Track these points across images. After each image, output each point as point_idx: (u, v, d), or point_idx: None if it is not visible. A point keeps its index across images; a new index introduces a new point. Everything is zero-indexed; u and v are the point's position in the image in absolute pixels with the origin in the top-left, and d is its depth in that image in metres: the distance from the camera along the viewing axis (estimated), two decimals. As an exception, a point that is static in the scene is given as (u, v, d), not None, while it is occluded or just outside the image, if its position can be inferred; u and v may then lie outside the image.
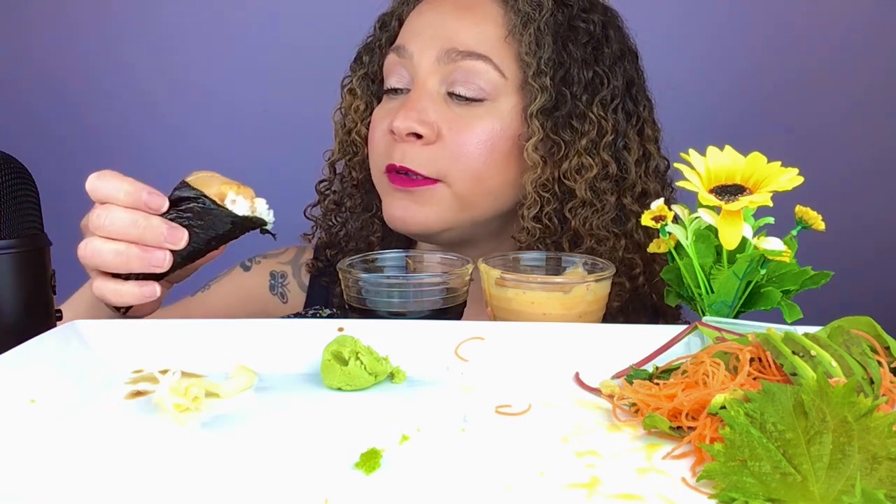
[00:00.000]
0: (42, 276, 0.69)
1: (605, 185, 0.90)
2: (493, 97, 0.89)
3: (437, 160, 0.89)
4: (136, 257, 0.67)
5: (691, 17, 1.78)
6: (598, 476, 0.48)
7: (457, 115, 0.89)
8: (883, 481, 0.43)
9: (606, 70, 0.91)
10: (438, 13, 0.93)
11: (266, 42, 1.84)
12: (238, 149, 1.82)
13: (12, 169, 0.69)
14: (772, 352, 0.54)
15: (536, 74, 0.88)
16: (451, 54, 0.89)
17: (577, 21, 0.92)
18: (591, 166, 0.89)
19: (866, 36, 1.78)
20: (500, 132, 0.89)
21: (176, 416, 0.56)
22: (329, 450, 0.51)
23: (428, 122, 0.88)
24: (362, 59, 1.01)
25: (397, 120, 0.89)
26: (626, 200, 0.92)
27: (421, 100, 0.90)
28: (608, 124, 0.90)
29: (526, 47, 0.89)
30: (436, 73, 0.90)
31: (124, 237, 0.67)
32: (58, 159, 1.80)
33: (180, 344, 0.66)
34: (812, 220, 0.69)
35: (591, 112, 0.90)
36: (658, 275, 0.94)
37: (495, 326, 0.68)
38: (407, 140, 0.89)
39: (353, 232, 1.03)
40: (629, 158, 0.92)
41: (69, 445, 0.52)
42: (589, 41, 0.92)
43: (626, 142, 0.92)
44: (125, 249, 0.67)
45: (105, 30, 1.88)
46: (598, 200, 0.90)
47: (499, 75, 0.89)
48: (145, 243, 0.67)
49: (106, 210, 0.67)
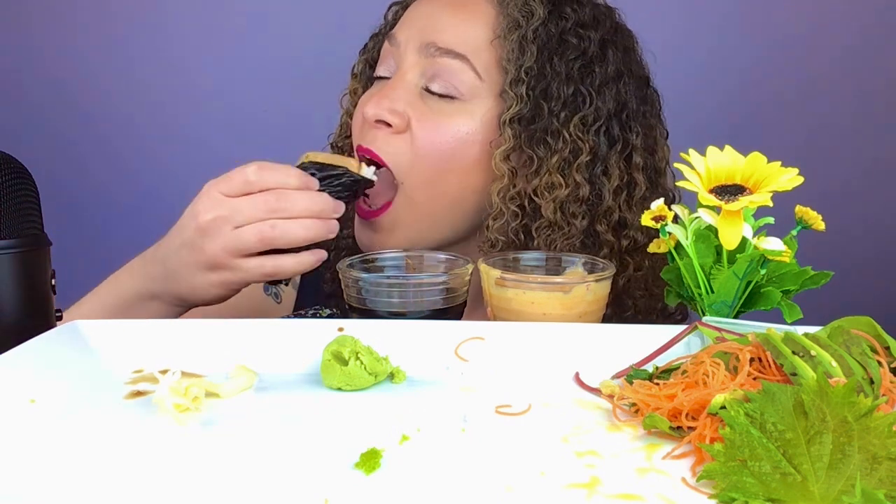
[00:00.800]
0: (42, 276, 0.69)
1: (574, 208, 0.87)
2: (467, 98, 0.88)
3: (401, 152, 0.88)
4: (323, 228, 0.79)
5: (693, 19, 1.78)
6: (598, 476, 0.48)
7: (428, 109, 0.89)
8: (883, 481, 0.43)
9: (592, 90, 0.88)
10: (432, 6, 0.92)
11: (268, 41, 1.84)
12: (240, 147, 1.81)
13: (12, 169, 0.69)
14: (772, 352, 0.54)
15: (514, 82, 0.86)
16: (430, 49, 0.89)
17: (569, 35, 0.89)
18: (561, 185, 0.86)
19: (867, 38, 1.78)
20: (468, 135, 0.88)
21: (176, 416, 0.56)
22: (329, 450, 0.51)
23: (398, 111, 0.88)
24: (368, 44, 1.02)
25: (368, 106, 0.89)
26: (600, 228, 0.89)
27: (395, 89, 0.89)
28: (585, 145, 0.87)
29: (508, 53, 0.87)
30: (416, 66, 0.90)
31: (307, 214, 0.78)
32: (58, 159, 1.81)
33: (180, 344, 0.66)
34: (812, 220, 0.69)
35: (567, 130, 0.87)
36: (629, 310, 0.92)
37: (495, 326, 0.68)
38: (376, 126, 0.89)
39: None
40: (606, 184, 0.88)
41: (69, 445, 0.52)
42: (578, 58, 0.89)
43: (606, 167, 0.88)
44: (312, 224, 0.79)
45: (106, 29, 1.88)
46: (567, 223, 0.87)
47: (475, 77, 0.88)
48: (323, 217, 0.80)
49: (281, 195, 0.78)
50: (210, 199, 0.79)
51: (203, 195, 0.80)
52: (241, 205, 0.78)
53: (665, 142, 0.96)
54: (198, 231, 0.78)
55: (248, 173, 0.79)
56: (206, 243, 0.78)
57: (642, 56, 0.96)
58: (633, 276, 0.91)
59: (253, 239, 0.77)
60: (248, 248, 0.78)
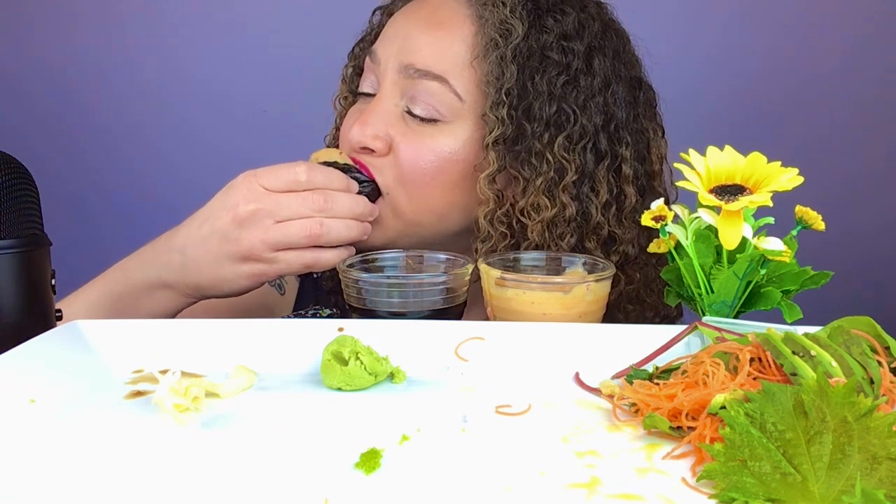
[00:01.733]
0: (42, 276, 0.69)
1: (562, 228, 0.86)
2: (448, 119, 0.87)
3: (385, 172, 0.88)
4: (361, 229, 0.83)
5: (693, 20, 1.78)
6: (598, 476, 0.48)
7: (411, 131, 0.87)
8: (883, 481, 0.43)
9: (577, 107, 0.86)
10: (410, 23, 0.90)
11: (269, 41, 1.84)
12: (240, 147, 1.81)
13: (12, 169, 0.69)
14: (772, 352, 0.54)
15: (495, 104, 0.84)
16: (408, 70, 0.87)
17: (551, 51, 0.86)
18: (548, 207, 0.85)
19: (867, 38, 1.78)
20: (451, 155, 0.87)
21: (176, 416, 0.56)
22: (329, 450, 0.51)
23: (380, 136, 0.87)
24: (355, 49, 1.01)
25: (352, 131, 0.89)
26: (589, 245, 0.87)
27: (376, 113, 0.88)
28: (570, 165, 0.85)
29: (488, 75, 0.85)
30: (396, 86, 0.88)
31: (349, 215, 0.82)
32: (58, 159, 1.81)
33: (180, 344, 0.66)
34: (812, 219, 0.69)
35: (551, 151, 0.84)
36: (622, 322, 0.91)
37: (495, 326, 0.68)
38: (360, 152, 0.89)
39: None
40: (595, 201, 0.86)
41: (69, 445, 0.52)
42: (561, 73, 0.86)
43: (594, 183, 0.86)
44: (354, 225, 0.83)
45: (107, 29, 1.88)
46: (554, 243, 0.86)
47: (455, 98, 0.86)
48: (362, 219, 0.84)
49: (326, 194, 0.81)
50: (250, 191, 0.80)
51: (239, 186, 0.81)
52: (288, 200, 0.80)
53: (661, 138, 0.94)
54: (235, 221, 0.79)
55: (298, 172, 0.81)
56: (244, 234, 0.79)
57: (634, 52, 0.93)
58: (625, 290, 0.90)
59: (300, 234, 0.79)
60: (293, 244, 0.80)
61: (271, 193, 0.80)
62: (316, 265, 0.82)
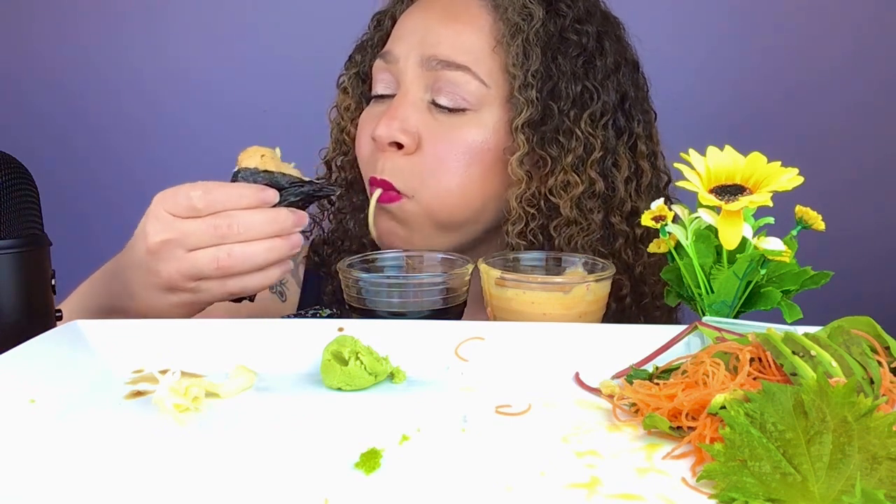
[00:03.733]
0: (42, 276, 0.69)
1: (591, 204, 0.88)
2: (476, 108, 0.88)
3: (415, 173, 0.87)
4: (285, 248, 0.74)
5: (693, 19, 1.78)
6: (598, 476, 0.48)
7: (439, 124, 0.88)
8: (883, 481, 0.43)
9: (597, 85, 0.89)
10: (425, 18, 0.91)
11: (269, 41, 1.84)
12: (241, 147, 1.81)
13: (12, 169, 0.69)
14: (772, 352, 0.54)
15: (523, 87, 0.86)
16: (431, 62, 0.87)
17: (569, 33, 0.89)
18: (577, 183, 0.87)
19: (867, 37, 1.78)
20: (482, 143, 0.87)
21: (176, 416, 0.56)
22: (329, 450, 0.51)
23: (409, 131, 0.87)
24: (355, 57, 1.00)
25: (379, 128, 0.87)
26: (615, 219, 0.90)
27: (403, 107, 0.88)
28: (596, 141, 0.88)
29: (513, 59, 0.87)
30: (419, 80, 0.89)
31: (264, 235, 0.73)
32: (59, 159, 1.81)
33: (180, 344, 0.66)
34: (812, 219, 0.69)
35: (579, 128, 0.87)
36: (647, 297, 0.93)
37: (495, 326, 0.68)
38: (388, 149, 0.88)
39: (349, 230, 1.02)
40: (618, 176, 0.90)
41: (69, 445, 0.52)
42: (580, 54, 0.89)
43: (616, 158, 0.90)
44: (271, 244, 0.73)
45: (107, 29, 1.88)
46: (584, 219, 0.88)
47: (481, 85, 0.87)
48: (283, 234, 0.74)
49: (230, 217, 0.72)
50: (158, 219, 0.73)
51: (151, 214, 0.74)
52: (193, 227, 0.72)
53: (655, 121, 0.97)
54: (149, 253, 0.73)
55: (192, 197, 0.72)
56: (161, 266, 0.73)
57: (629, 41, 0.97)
58: (647, 262, 0.92)
59: (210, 266, 0.72)
60: (206, 275, 0.73)
61: (177, 220, 0.72)
62: (243, 291, 0.75)
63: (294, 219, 0.75)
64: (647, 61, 0.98)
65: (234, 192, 0.73)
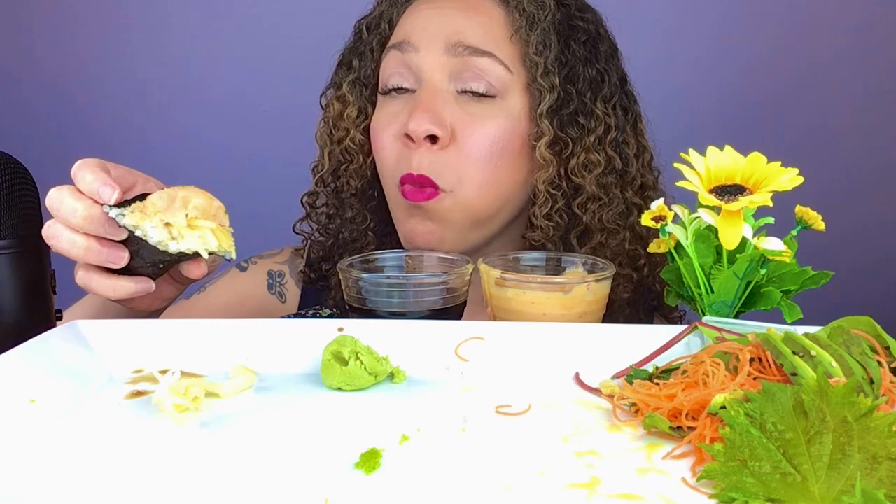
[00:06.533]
0: (42, 277, 0.69)
1: (611, 180, 0.92)
2: (502, 94, 0.89)
3: (451, 166, 0.87)
4: (95, 251, 0.67)
5: (692, 18, 1.78)
6: (598, 476, 0.48)
7: (469, 115, 0.88)
8: (883, 481, 0.43)
9: (605, 67, 0.93)
10: (440, 10, 0.91)
11: (269, 41, 1.84)
12: (241, 147, 1.82)
13: (12, 169, 0.69)
14: (772, 352, 0.54)
15: (545, 74, 0.88)
16: (457, 48, 0.87)
17: (575, 20, 0.93)
18: (599, 162, 0.91)
19: (867, 36, 1.78)
20: (511, 131, 0.89)
21: (176, 416, 0.56)
22: (329, 450, 0.51)
23: (444, 123, 0.86)
24: (351, 64, 0.98)
25: (412, 122, 0.85)
26: (629, 194, 0.94)
27: (432, 99, 0.87)
28: (611, 120, 0.92)
29: (534, 47, 0.89)
30: (444, 69, 0.88)
31: (68, 223, 0.67)
32: (59, 159, 1.81)
33: (180, 344, 0.66)
34: (812, 219, 0.69)
35: (597, 109, 0.91)
36: (659, 265, 0.97)
37: (495, 326, 0.68)
38: (423, 144, 0.86)
39: (345, 242, 1.00)
40: (629, 152, 0.94)
41: (69, 445, 0.52)
42: (588, 39, 0.93)
43: (625, 136, 0.94)
44: (80, 239, 0.66)
45: (107, 29, 1.88)
46: (606, 195, 0.92)
47: (506, 72, 0.89)
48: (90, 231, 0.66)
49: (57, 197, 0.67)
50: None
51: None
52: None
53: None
54: None
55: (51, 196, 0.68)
56: None
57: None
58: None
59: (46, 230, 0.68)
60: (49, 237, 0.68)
61: None
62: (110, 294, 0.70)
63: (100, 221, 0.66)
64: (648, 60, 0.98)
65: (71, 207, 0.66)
